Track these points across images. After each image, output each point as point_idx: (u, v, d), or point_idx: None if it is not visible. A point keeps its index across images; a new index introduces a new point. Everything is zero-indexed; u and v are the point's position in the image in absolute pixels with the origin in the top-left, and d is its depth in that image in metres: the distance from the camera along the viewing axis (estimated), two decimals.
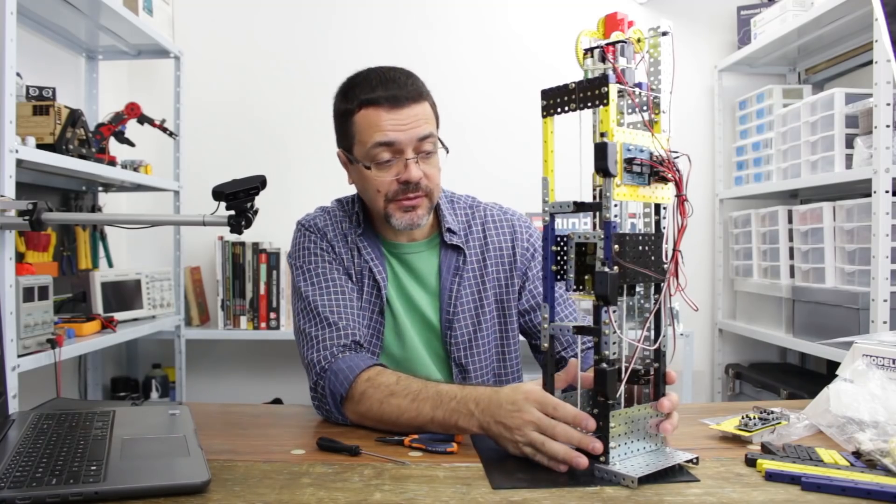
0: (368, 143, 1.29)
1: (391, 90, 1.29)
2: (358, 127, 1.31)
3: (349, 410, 1.18)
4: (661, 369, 0.97)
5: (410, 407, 1.10)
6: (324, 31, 2.93)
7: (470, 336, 1.38)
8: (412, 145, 1.29)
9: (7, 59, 1.55)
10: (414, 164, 1.29)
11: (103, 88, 2.66)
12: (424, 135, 1.29)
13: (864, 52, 2.45)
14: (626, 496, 0.85)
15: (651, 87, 0.96)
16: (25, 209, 1.39)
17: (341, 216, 1.43)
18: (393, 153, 1.29)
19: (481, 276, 1.41)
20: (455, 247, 1.41)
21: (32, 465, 0.88)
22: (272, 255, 2.71)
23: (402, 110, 1.28)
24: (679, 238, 0.90)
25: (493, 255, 1.43)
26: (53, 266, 2.22)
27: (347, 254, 1.39)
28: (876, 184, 1.92)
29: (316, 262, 1.36)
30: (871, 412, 1.05)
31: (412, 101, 1.29)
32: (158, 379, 2.71)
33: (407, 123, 1.28)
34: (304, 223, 1.43)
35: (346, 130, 1.34)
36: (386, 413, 1.12)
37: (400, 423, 1.11)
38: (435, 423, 1.07)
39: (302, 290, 1.34)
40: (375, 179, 1.31)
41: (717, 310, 2.98)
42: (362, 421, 1.17)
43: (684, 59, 2.86)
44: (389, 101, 1.28)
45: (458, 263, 1.41)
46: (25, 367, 1.62)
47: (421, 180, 1.30)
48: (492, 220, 1.46)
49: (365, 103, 1.29)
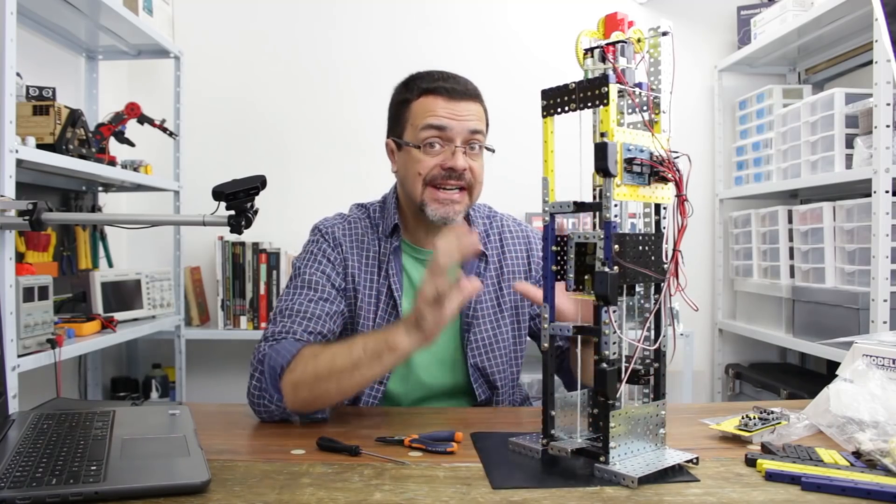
0: (421, 125, 1.33)
1: (451, 84, 1.36)
2: (414, 112, 1.36)
3: (285, 383, 1.16)
4: (662, 369, 0.97)
5: (342, 350, 1.15)
6: (324, 31, 2.93)
7: (491, 340, 1.41)
8: (462, 136, 1.33)
9: (7, 59, 1.55)
10: (461, 153, 1.33)
11: (103, 88, 2.66)
12: (476, 129, 1.35)
13: (864, 52, 2.45)
14: (626, 496, 0.85)
15: (651, 87, 0.96)
16: (25, 209, 1.39)
17: (364, 224, 1.43)
18: (443, 139, 1.33)
19: (500, 282, 1.45)
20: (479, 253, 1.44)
21: (32, 465, 0.88)
22: (272, 255, 2.70)
23: (459, 103, 1.34)
24: (679, 238, 0.90)
25: (511, 263, 1.46)
26: (53, 266, 2.22)
27: (366, 267, 1.39)
28: (876, 184, 1.92)
29: (313, 270, 1.36)
30: (871, 412, 1.05)
31: (469, 98, 1.36)
32: (158, 379, 2.71)
33: (461, 115, 1.33)
34: (321, 229, 1.43)
35: (401, 116, 1.38)
36: (320, 366, 1.15)
37: (335, 369, 1.12)
38: (367, 351, 1.11)
39: (285, 293, 1.36)
40: (420, 161, 1.33)
41: (717, 310, 2.98)
42: (296, 393, 1.16)
43: (684, 59, 2.85)
44: (449, 92, 1.34)
45: (479, 269, 1.44)
46: (25, 367, 1.62)
47: (465, 171, 1.33)
48: (509, 232, 1.50)
49: (425, 92, 1.35)
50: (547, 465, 0.96)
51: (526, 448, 1.01)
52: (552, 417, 0.97)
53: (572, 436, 0.99)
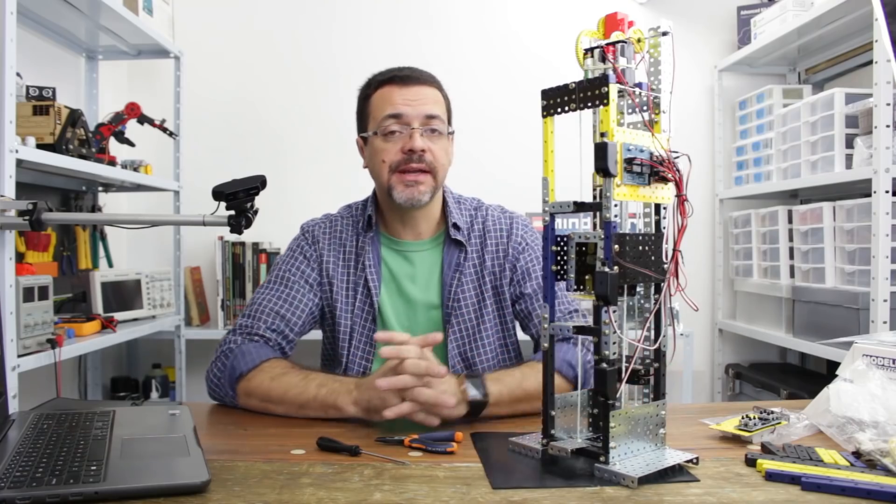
0: (380, 117, 1.40)
1: (406, 72, 1.42)
2: (373, 104, 1.43)
3: (241, 387, 1.27)
4: (662, 369, 0.97)
5: (299, 384, 1.21)
6: (324, 31, 2.93)
7: (473, 329, 1.43)
8: (419, 119, 1.38)
9: (7, 59, 1.55)
10: (418, 135, 1.37)
11: (103, 88, 2.66)
12: (431, 113, 1.39)
13: (864, 52, 2.45)
14: (626, 496, 0.85)
15: (651, 87, 0.96)
16: (25, 209, 1.38)
17: (346, 222, 1.50)
18: (401, 125, 1.38)
19: (480, 270, 1.46)
20: (457, 243, 1.46)
21: (32, 465, 0.88)
22: (272, 255, 2.71)
23: (413, 88, 1.40)
24: (679, 238, 0.90)
25: (491, 249, 1.48)
26: (53, 266, 2.22)
27: (342, 262, 1.46)
28: (876, 184, 1.92)
29: (288, 265, 1.46)
30: (871, 412, 1.05)
31: (423, 83, 1.41)
32: (158, 379, 2.71)
33: (416, 100, 1.39)
34: (303, 228, 1.53)
35: (364, 112, 1.45)
36: (274, 389, 1.23)
37: (285, 400, 1.20)
38: (317, 400, 1.18)
39: (260, 286, 1.46)
40: (383, 149, 1.39)
41: (717, 310, 2.98)
42: (248, 399, 1.26)
43: (684, 59, 2.86)
44: (402, 79, 1.41)
45: (459, 259, 1.46)
46: (25, 367, 1.62)
47: (425, 154, 1.37)
48: (492, 220, 1.51)
49: (381, 83, 1.42)
50: (547, 465, 0.96)
51: (526, 448, 1.01)
52: (552, 417, 0.97)
53: (572, 436, 0.99)
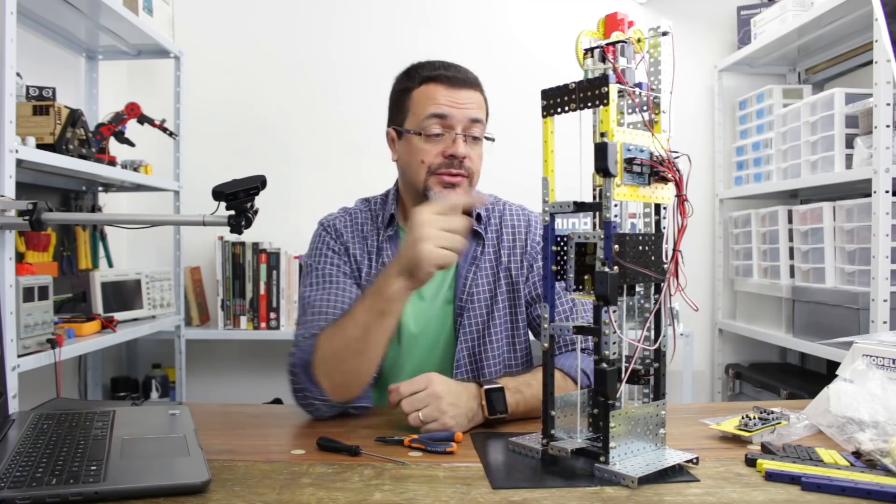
0: (423, 115, 1.35)
1: (452, 72, 1.37)
2: (415, 100, 1.37)
3: (316, 370, 1.20)
4: (662, 369, 0.97)
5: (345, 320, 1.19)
6: (324, 31, 2.93)
7: (483, 325, 1.40)
8: (463, 124, 1.35)
9: (7, 59, 1.55)
10: (462, 141, 1.34)
11: (103, 88, 2.66)
12: (476, 118, 1.36)
13: (864, 52, 2.44)
14: (626, 496, 0.85)
15: (651, 87, 0.96)
16: (25, 209, 1.39)
17: (364, 217, 1.47)
18: (444, 127, 1.34)
19: (496, 265, 1.44)
20: (475, 234, 1.44)
21: (32, 465, 0.88)
22: (272, 255, 2.70)
23: (460, 91, 1.35)
24: (679, 238, 0.90)
25: (507, 245, 1.46)
26: (53, 266, 2.22)
27: (364, 256, 1.43)
28: (876, 184, 1.92)
29: (323, 263, 1.41)
30: (871, 412, 1.05)
31: (470, 87, 1.37)
32: (158, 379, 2.71)
33: (462, 103, 1.35)
34: (323, 223, 1.48)
35: (402, 105, 1.39)
36: (335, 338, 1.19)
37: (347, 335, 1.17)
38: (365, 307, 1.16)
39: (303, 291, 1.39)
40: (423, 149, 1.35)
41: (717, 310, 2.98)
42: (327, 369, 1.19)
43: (684, 59, 2.86)
44: (450, 80, 1.35)
45: (476, 253, 1.44)
46: (25, 367, 1.62)
47: (465, 159, 1.34)
48: (509, 214, 1.50)
49: (427, 80, 1.36)
50: (547, 465, 0.96)
51: (526, 448, 1.01)
52: (552, 417, 0.97)
53: (572, 436, 0.99)
